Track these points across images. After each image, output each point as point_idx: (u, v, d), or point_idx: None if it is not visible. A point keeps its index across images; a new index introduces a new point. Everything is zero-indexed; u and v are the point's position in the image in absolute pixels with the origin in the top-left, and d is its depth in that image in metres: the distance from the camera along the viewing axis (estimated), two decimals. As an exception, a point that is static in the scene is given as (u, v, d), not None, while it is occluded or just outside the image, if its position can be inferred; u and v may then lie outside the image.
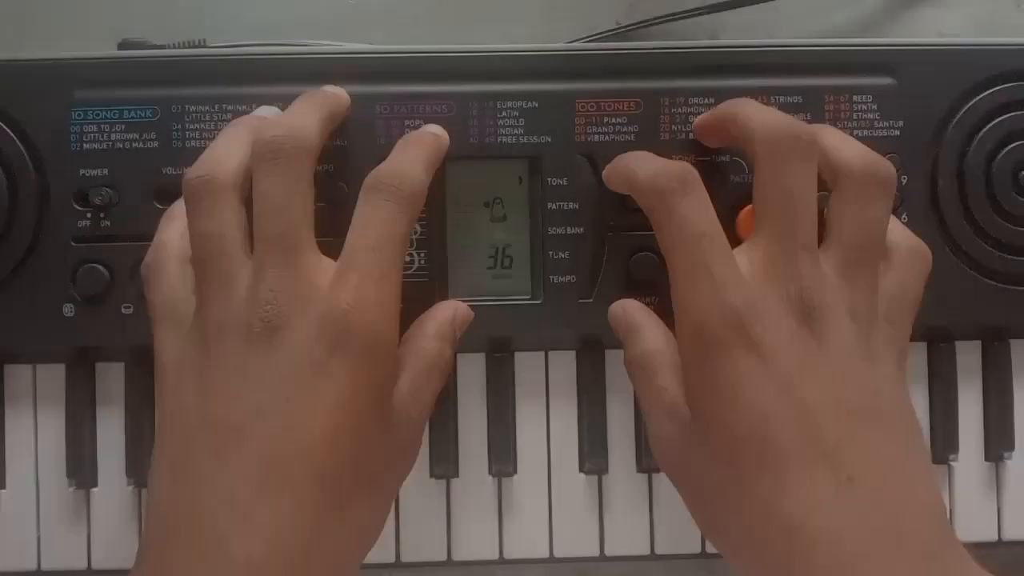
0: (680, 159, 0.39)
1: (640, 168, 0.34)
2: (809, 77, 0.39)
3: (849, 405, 0.30)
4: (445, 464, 0.40)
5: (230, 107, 0.38)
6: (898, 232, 0.35)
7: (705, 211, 0.32)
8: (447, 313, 0.36)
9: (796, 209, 0.32)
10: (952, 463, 0.42)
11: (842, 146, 0.33)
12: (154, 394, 0.40)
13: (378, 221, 0.32)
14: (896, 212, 0.39)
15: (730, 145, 0.38)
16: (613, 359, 0.41)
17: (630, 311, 0.36)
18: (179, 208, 0.35)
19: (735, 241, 0.33)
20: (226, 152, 0.33)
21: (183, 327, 0.32)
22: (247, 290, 0.31)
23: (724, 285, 0.31)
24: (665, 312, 0.34)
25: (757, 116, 0.33)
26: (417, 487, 0.41)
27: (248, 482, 0.29)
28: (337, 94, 0.37)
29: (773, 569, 0.30)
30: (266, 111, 0.37)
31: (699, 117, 0.38)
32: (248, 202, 0.32)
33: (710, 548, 0.41)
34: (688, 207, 0.32)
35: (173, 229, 0.35)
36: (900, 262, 0.34)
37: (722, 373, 0.31)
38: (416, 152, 0.35)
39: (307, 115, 0.34)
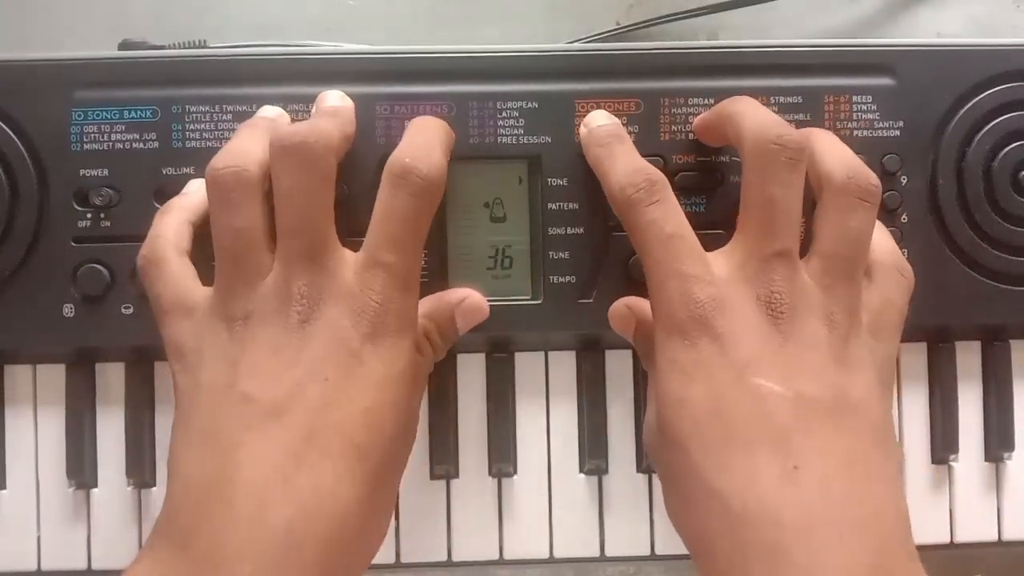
0: (680, 159, 0.39)
1: (612, 174, 0.34)
2: (809, 77, 0.39)
3: (808, 399, 0.30)
4: (445, 464, 0.40)
5: (230, 107, 0.38)
6: (883, 248, 0.35)
7: (672, 214, 0.33)
8: (451, 297, 0.37)
9: (775, 215, 0.32)
10: (952, 463, 0.42)
11: (828, 153, 0.34)
12: (152, 388, 0.41)
13: (403, 217, 0.32)
14: (896, 212, 0.40)
15: (729, 144, 0.38)
16: (613, 359, 0.41)
17: (637, 305, 0.37)
18: (175, 203, 0.36)
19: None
20: (250, 146, 0.34)
21: (195, 313, 0.33)
22: (277, 285, 0.32)
23: (691, 281, 0.31)
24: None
25: (748, 118, 0.34)
26: (417, 487, 0.41)
27: (288, 452, 0.30)
28: (350, 110, 0.37)
29: (714, 551, 0.30)
30: (269, 111, 0.38)
31: (699, 116, 0.38)
32: (269, 197, 0.33)
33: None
34: (655, 213, 0.32)
35: (168, 222, 0.35)
36: (883, 278, 0.34)
37: (682, 357, 0.31)
38: (435, 135, 0.35)
39: (326, 120, 0.35)
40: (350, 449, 0.30)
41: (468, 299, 0.37)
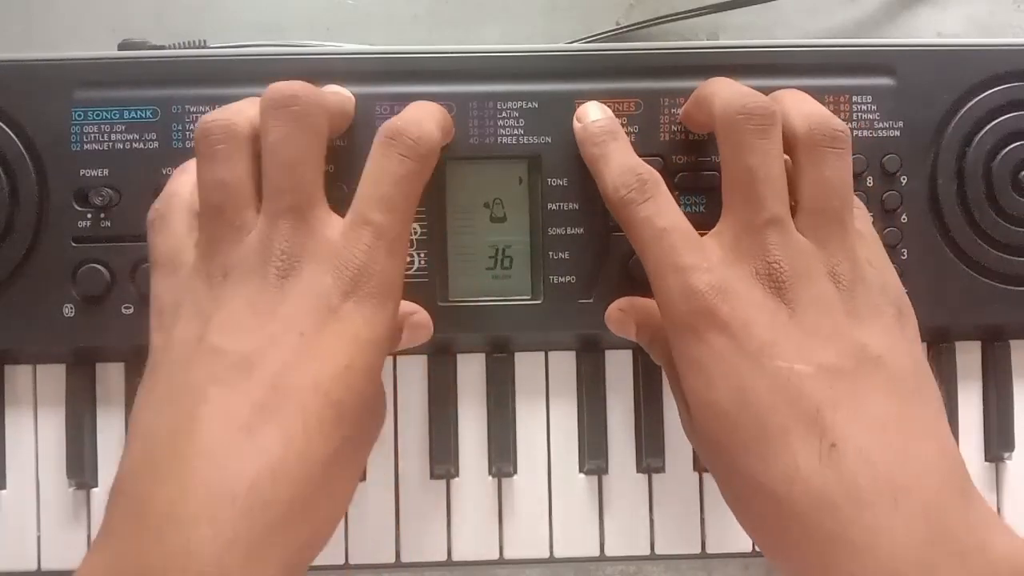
0: (680, 159, 0.39)
1: (606, 175, 0.34)
2: (809, 77, 0.39)
3: (831, 368, 0.30)
4: (445, 464, 0.40)
5: (230, 107, 0.38)
6: None
7: (665, 209, 0.33)
8: (404, 307, 0.37)
9: (757, 185, 0.32)
10: (952, 463, 0.42)
11: (791, 110, 0.33)
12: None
13: (394, 178, 0.32)
14: (896, 212, 0.40)
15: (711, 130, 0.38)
16: (613, 359, 0.41)
17: (631, 305, 0.37)
18: (192, 163, 0.35)
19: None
20: (244, 105, 0.33)
21: (180, 272, 0.32)
22: (259, 241, 0.31)
23: (689, 272, 0.31)
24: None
25: (716, 97, 0.33)
26: (417, 487, 0.41)
27: (257, 405, 0.28)
28: (349, 96, 0.37)
29: (775, 541, 0.30)
30: None
31: (683, 106, 0.38)
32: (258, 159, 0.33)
33: (710, 548, 0.41)
34: (648, 210, 0.32)
35: (185, 181, 0.35)
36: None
37: (698, 356, 0.31)
38: (430, 112, 0.35)
39: (324, 90, 0.34)
40: (326, 407, 0.29)
41: (417, 314, 0.37)
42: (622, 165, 0.34)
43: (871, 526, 0.28)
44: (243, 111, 0.33)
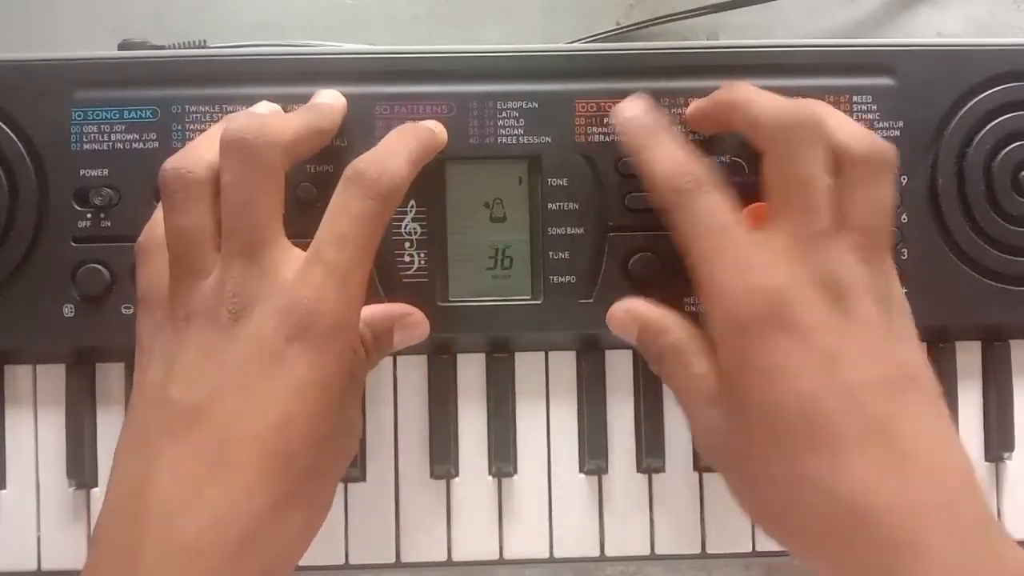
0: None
1: (660, 160, 0.34)
2: (809, 77, 0.39)
3: (888, 381, 0.30)
4: (445, 464, 0.40)
5: (230, 107, 0.38)
6: None
7: (727, 205, 0.32)
8: (395, 310, 0.37)
9: (816, 194, 0.32)
10: (952, 463, 0.42)
11: (843, 128, 0.33)
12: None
13: (350, 217, 0.32)
14: (896, 212, 0.40)
15: (726, 132, 0.38)
16: (613, 359, 0.41)
17: (637, 309, 0.36)
18: None
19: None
20: (206, 146, 0.34)
21: (157, 312, 0.33)
22: (215, 283, 0.32)
23: (754, 270, 0.31)
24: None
25: (760, 104, 0.34)
26: (417, 487, 0.41)
27: (202, 460, 0.30)
28: (332, 108, 0.37)
29: (831, 547, 0.30)
30: (265, 107, 0.38)
31: (693, 104, 0.38)
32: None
33: (710, 548, 0.41)
34: (710, 202, 0.32)
35: None
36: None
37: (763, 357, 0.31)
38: (403, 144, 0.35)
39: (287, 117, 0.35)
40: (267, 458, 0.30)
41: (411, 316, 0.37)
42: (680, 153, 0.34)
43: (939, 533, 0.28)
44: (202, 154, 0.33)
